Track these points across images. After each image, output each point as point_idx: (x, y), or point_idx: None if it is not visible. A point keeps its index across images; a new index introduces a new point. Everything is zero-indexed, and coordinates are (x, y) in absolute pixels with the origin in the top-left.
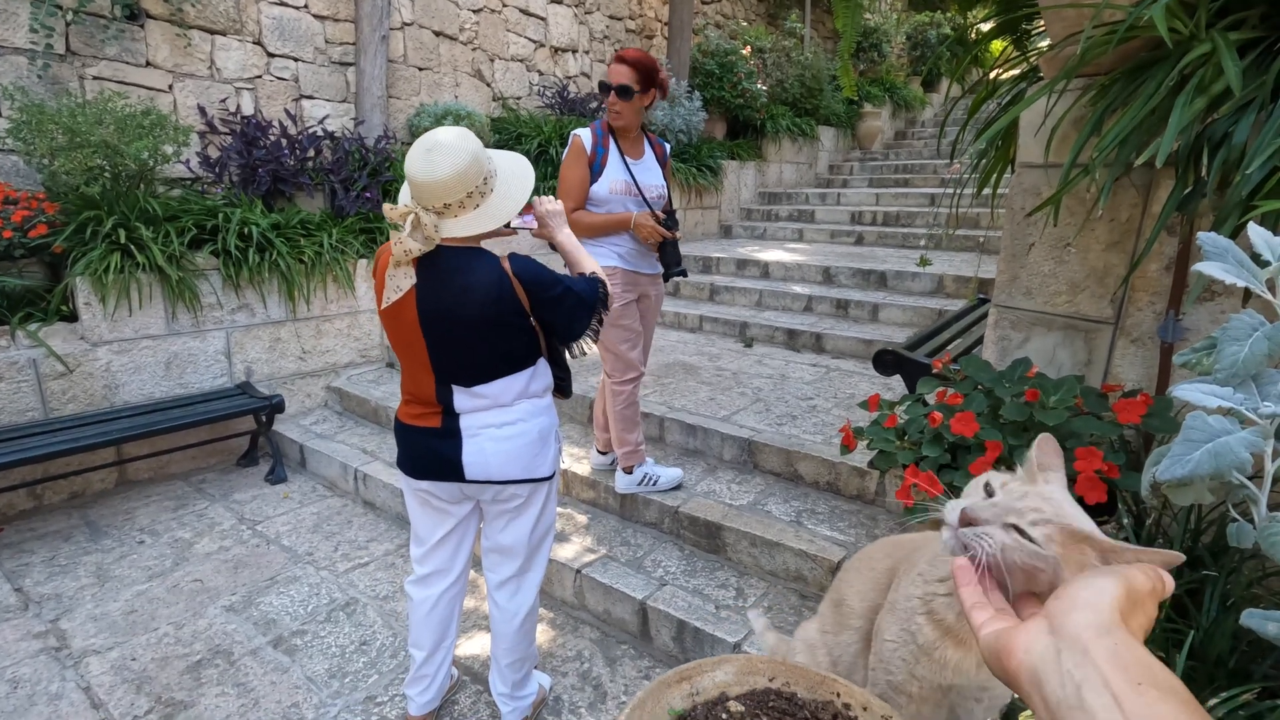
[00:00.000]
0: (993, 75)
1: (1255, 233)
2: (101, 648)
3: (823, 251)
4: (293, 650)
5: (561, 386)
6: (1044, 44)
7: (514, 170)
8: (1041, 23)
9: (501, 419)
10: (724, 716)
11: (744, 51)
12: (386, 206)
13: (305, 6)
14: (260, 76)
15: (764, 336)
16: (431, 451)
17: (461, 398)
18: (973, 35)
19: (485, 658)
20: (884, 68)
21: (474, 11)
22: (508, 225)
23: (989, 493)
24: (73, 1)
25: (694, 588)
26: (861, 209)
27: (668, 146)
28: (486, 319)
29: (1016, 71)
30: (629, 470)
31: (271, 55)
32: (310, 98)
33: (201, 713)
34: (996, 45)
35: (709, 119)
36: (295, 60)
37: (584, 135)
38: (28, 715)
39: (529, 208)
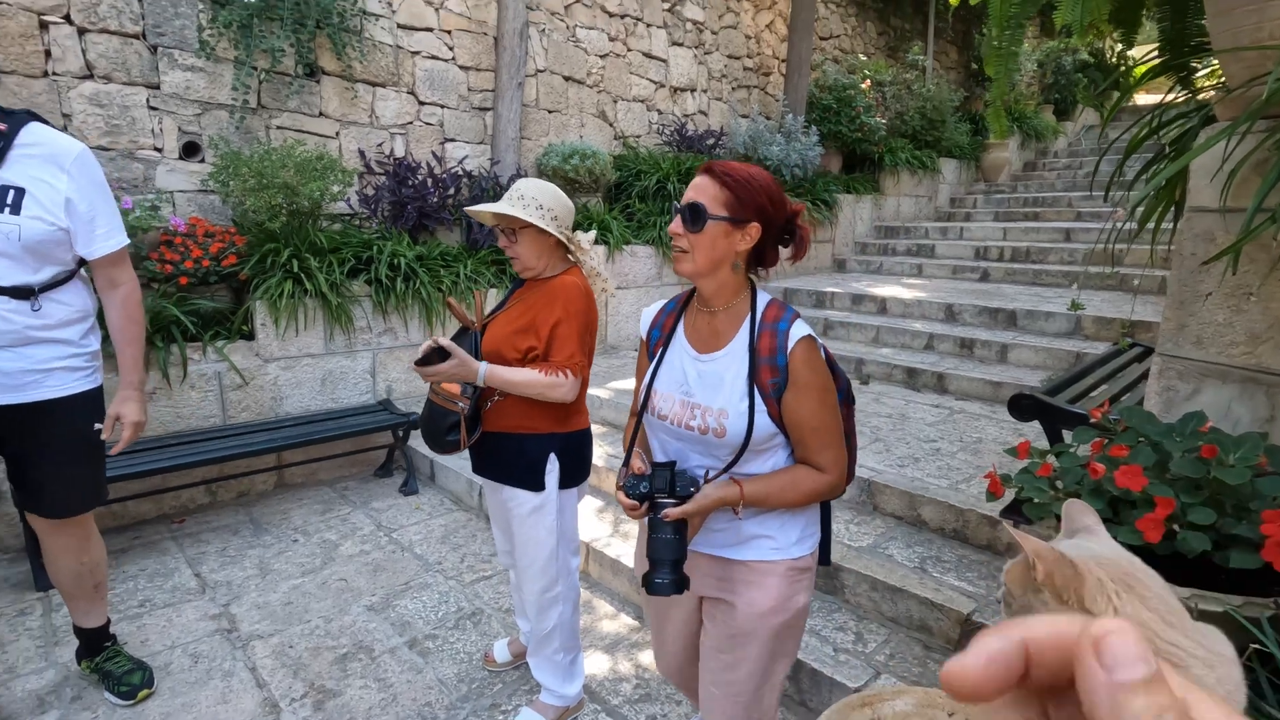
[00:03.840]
0: (1151, 111)
1: None
2: (264, 633)
3: (944, 288)
4: (426, 653)
5: None
6: (1203, 73)
7: None
8: (1210, 59)
9: None
10: None
11: (863, 85)
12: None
13: (452, 59)
14: (411, 122)
15: (881, 374)
16: None
17: None
18: (1117, 62)
19: (603, 677)
20: (1013, 96)
21: (600, 57)
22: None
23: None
24: (265, 63)
25: (810, 628)
26: (987, 244)
27: (793, 334)
28: None
29: (1163, 100)
30: None
31: (422, 103)
32: (453, 140)
33: (348, 701)
34: (1140, 70)
35: (825, 153)
36: (442, 107)
37: (648, 314)
38: (206, 687)
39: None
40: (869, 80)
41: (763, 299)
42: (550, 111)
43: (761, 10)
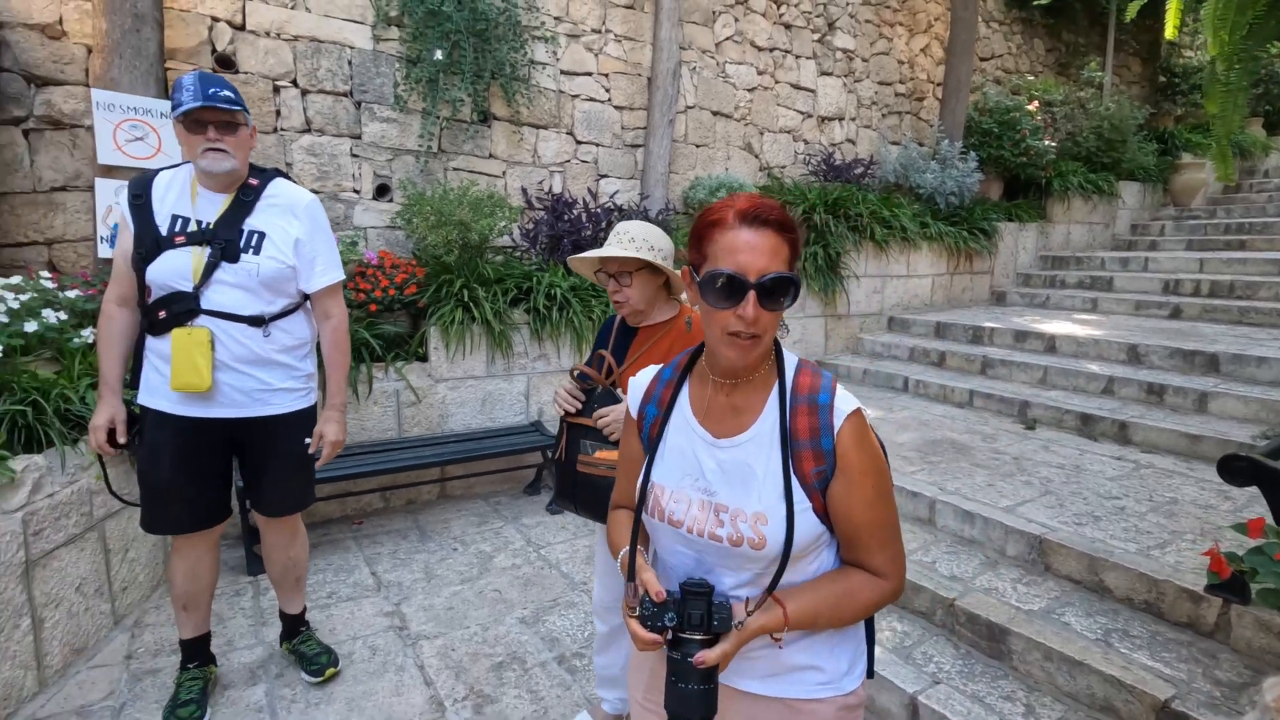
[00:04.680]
0: None
1: None
2: (430, 634)
3: (1125, 325)
4: (573, 670)
5: None
6: None
7: None
8: None
9: None
10: None
11: (1029, 106)
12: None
13: (608, 100)
14: (569, 161)
15: (1049, 419)
16: None
17: None
18: None
19: None
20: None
21: (749, 91)
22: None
23: None
24: (448, 112)
25: (973, 693)
26: (1178, 276)
27: (838, 408)
28: None
29: None
30: None
31: (579, 143)
32: (605, 176)
33: (503, 709)
34: None
35: (984, 179)
36: (597, 145)
37: (636, 385)
38: (383, 678)
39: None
40: (1036, 100)
41: (790, 362)
42: (698, 146)
43: (916, 35)
